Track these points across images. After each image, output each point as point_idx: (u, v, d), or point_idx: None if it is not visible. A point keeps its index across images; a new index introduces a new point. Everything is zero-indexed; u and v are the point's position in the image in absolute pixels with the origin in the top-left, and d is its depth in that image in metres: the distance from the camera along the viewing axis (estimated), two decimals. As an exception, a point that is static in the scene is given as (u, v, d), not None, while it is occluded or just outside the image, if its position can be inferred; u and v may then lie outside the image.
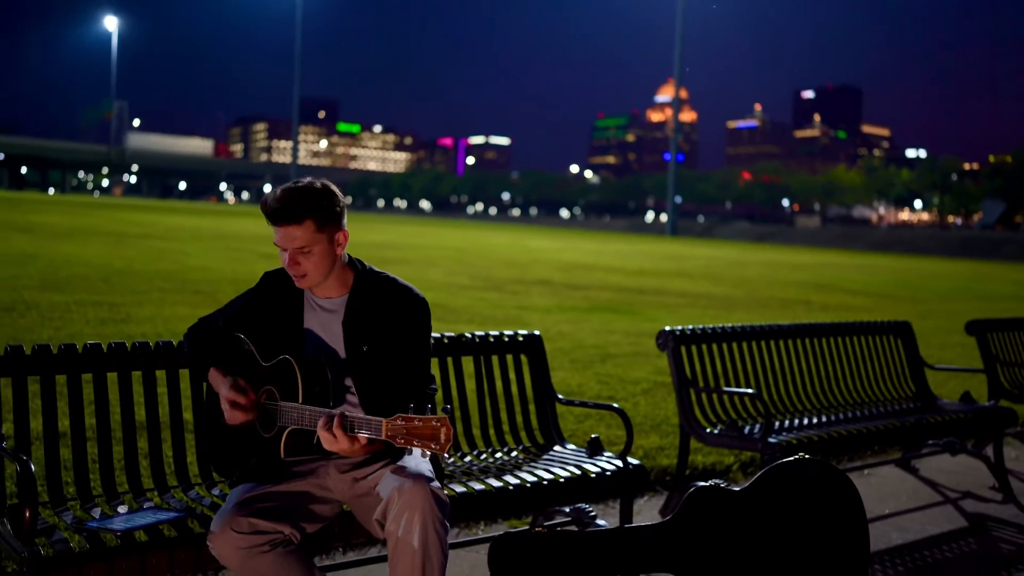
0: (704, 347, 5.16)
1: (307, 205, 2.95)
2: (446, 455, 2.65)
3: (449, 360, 4.23)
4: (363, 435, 2.72)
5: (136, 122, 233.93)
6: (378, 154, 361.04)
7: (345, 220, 3.08)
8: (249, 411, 2.98)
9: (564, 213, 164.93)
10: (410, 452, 2.59)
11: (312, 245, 2.97)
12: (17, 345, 3.28)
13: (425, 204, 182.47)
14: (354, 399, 3.06)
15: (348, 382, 3.06)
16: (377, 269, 3.17)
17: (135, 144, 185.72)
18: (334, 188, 3.05)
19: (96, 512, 3.14)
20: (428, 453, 2.56)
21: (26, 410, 3.25)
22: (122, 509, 3.15)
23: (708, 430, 4.90)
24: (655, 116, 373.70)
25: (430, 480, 2.83)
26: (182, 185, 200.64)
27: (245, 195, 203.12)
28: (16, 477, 2.89)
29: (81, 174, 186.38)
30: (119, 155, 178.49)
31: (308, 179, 3.03)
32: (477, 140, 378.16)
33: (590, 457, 4.07)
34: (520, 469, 3.87)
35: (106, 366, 3.40)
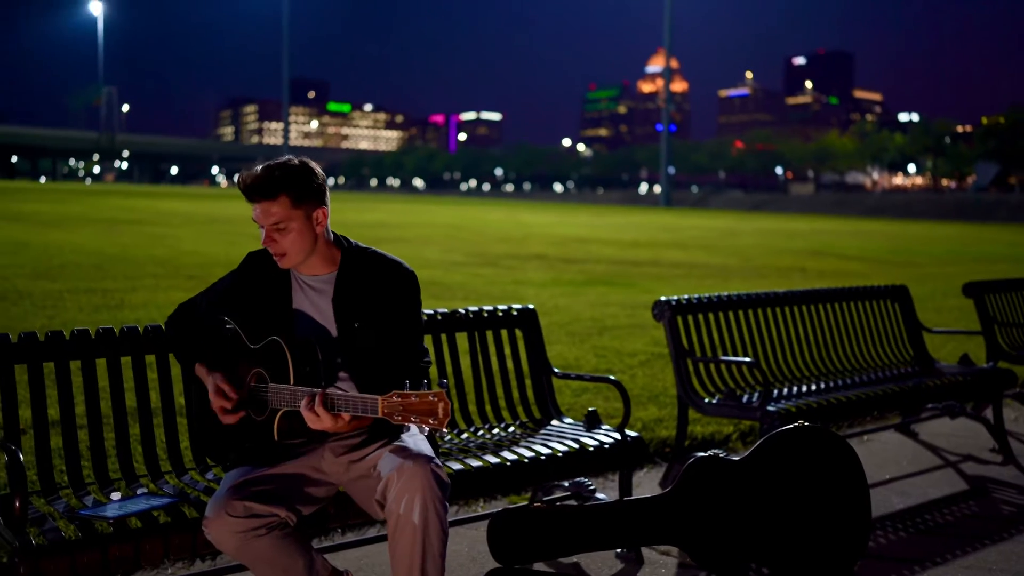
0: (700, 316, 5.12)
1: (282, 181, 2.88)
2: (443, 431, 2.60)
3: (443, 336, 4.18)
4: (347, 413, 2.68)
5: (125, 107, 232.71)
6: (370, 133, 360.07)
7: (327, 198, 3.00)
8: (238, 411, 2.94)
9: (557, 187, 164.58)
10: (407, 429, 2.55)
11: (288, 222, 2.90)
12: (3, 333, 3.23)
13: (418, 182, 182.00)
14: (347, 377, 3.01)
15: (340, 360, 3.01)
16: (364, 245, 3.12)
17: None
18: (313, 165, 2.98)
19: (89, 500, 3.10)
20: (427, 429, 2.52)
21: (14, 399, 3.20)
22: (115, 496, 3.11)
23: (706, 400, 4.87)
24: (646, 87, 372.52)
25: (430, 459, 2.79)
26: (174, 170, 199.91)
27: (237, 178, 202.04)
28: (5, 466, 2.84)
29: (72, 161, 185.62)
30: (109, 141, 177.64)
31: (287, 157, 2.98)
32: (468, 116, 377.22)
33: (588, 431, 4.04)
34: (517, 444, 3.84)
35: (95, 352, 3.35)
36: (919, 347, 6.17)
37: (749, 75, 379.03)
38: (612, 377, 4.28)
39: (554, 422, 4.25)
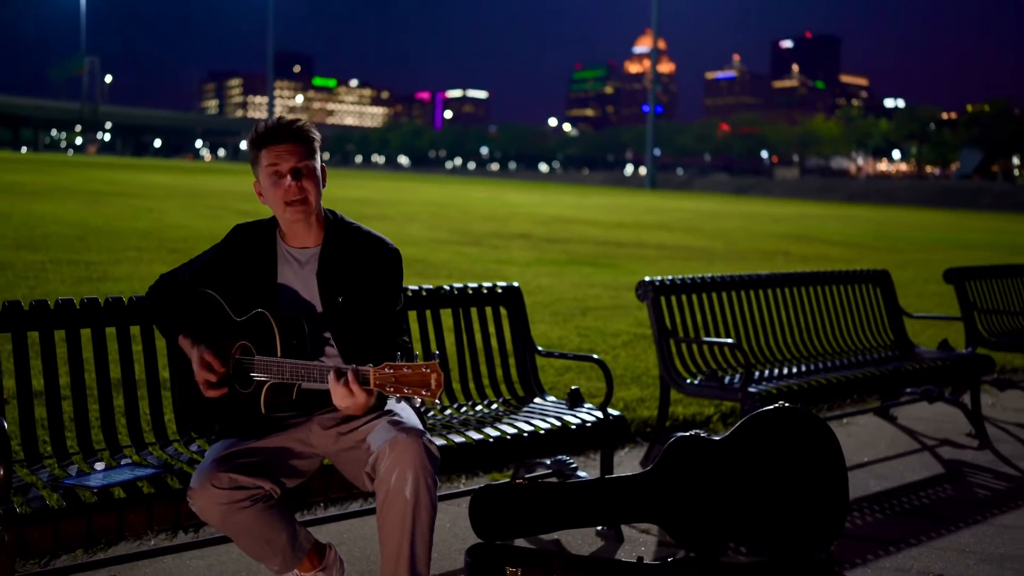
0: (684, 298, 5.15)
1: (308, 127, 3.01)
2: (436, 402, 2.60)
3: (428, 313, 4.20)
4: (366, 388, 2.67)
5: (108, 78, 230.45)
6: (355, 109, 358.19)
7: None
8: (222, 385, 2.95)
9: (543, 167, 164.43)
10: (398, 401, 2.55)
11: (313, 163, 2.99)
12: (-13, 303, 3.22)
13: (403, 159, 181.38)
14: (333, 351, 3.02)
15: (327, 335, 3.02)
16: (348, 219, 3.13)
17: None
18: None
19: (73, 470, 3.10)
20: (419, 401, 2.53)
21: (-2, 368, 3.20)
22: (99, 466, 3.12)
23: (688, 381, 4.90)
24: (633, 67, 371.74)
25: (422, 433, 2.81)
26: (157, 142, 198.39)
27: (221, 152, 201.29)
28: (-10, 436, 2.84)
29: (54, 132, 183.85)
30: (92, 112, 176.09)
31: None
32: (454, 94, 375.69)
33: (570, 409, 4.07)
34: (500, 421, 3.86)
35: (79, 322, 3.34)
36: (899, 332, 6.22)
37: (736, 58, 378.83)
38: (595, 356, 4.31)
39: (537, 400, 4.27)
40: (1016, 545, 4.08)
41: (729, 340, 4.97)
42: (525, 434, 3.71)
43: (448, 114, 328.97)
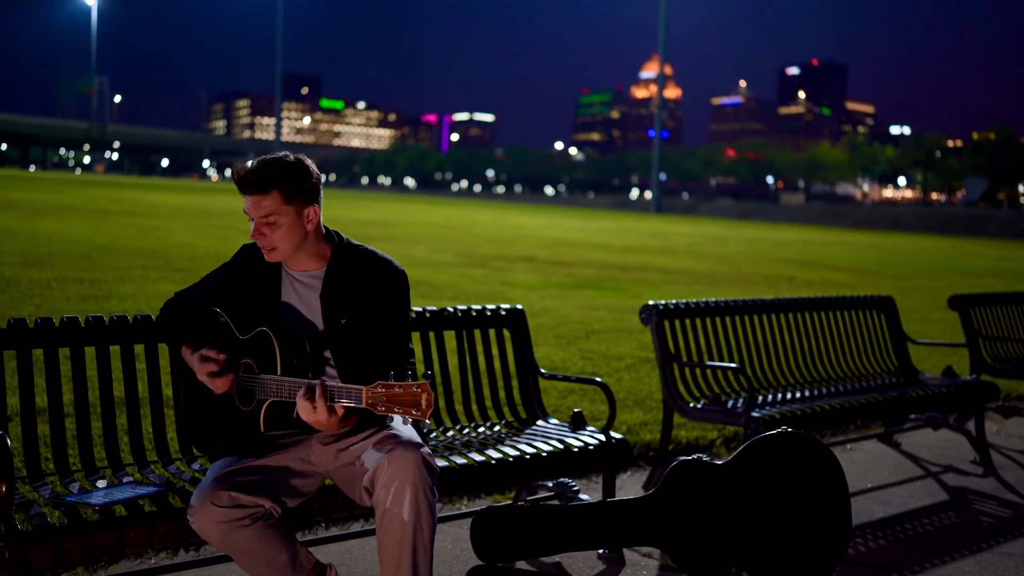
0: (687, 322, 5.16)
1: (275, 176, 2.93)
2: (427, 422, 2.60)
3: (432, 335, 4.20)
4: (341, 404, 2.69)
5: (117, 98, 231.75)
6: (362, 131, 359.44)
7: (319, 196, 3.03)
8: (227, 372, 2.94)
9: (548, 190, 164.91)
10: (391, 420, 2.56)
11: (278, 216, 2.94)
12: (-7, 319, 3.23)
13: (409, 181, 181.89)
14: (333, 371, 3.03)
15: (327, 355, 3.03)
16: (356, 242, 3.14)
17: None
18: (308, 163, 3.01)
19: (75, 487, 3.11)
20: (410, 420, 2.54)
21: (2, 385, 3.20)
22: (101, 484, 3.13)
23: (691, 405, 4.90)
24: (640, 92, 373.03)
25: (420, 446, 2.81)
26: (164, 162, 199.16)
27: (228, 172, 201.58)
28: (-8, 452, 2.85)
29: (62, 151, 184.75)
30: (100, 131, 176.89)
31: (283, 152, 3.00)
32: (461, 117, 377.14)
33: (573, 432, 4.06)
34: (503, 443, 3.86)
35: (84, 340, 3.35)
36: (904, 358, 6.21)
37: (742, 84, 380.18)
38: (598, 379, 4.31)
39: (539, 422, 4.27)
40: (1020, 574, 4.06)
41: (733, 364, 4.96)
42: (527, 456, 3.70)
43: (455, 137, 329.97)
